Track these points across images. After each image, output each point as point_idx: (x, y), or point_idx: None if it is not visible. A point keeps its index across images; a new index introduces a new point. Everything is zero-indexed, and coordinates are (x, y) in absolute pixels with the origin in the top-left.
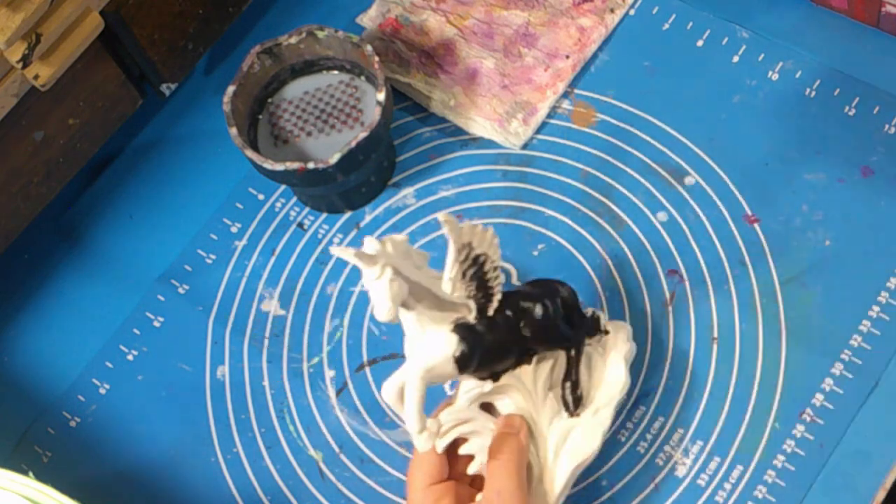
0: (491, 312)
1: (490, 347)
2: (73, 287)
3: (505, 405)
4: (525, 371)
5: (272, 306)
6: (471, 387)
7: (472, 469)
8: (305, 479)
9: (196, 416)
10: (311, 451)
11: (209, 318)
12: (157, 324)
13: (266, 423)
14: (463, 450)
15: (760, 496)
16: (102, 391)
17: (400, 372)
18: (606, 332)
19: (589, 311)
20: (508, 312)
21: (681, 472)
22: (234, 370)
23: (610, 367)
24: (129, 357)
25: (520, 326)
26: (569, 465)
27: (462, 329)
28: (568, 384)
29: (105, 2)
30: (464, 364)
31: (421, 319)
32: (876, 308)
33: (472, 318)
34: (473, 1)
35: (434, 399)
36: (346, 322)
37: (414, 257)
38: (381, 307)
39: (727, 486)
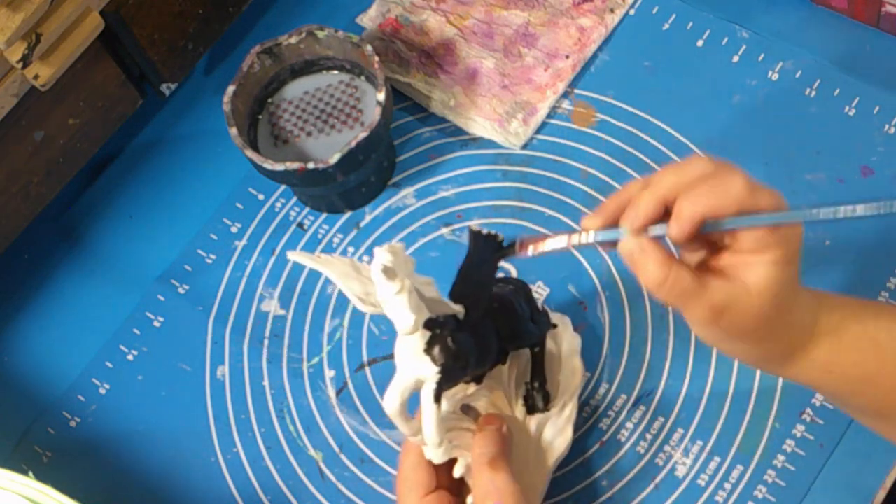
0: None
1: (480, 349)
2: (73, 287)
3: (482, 406)
4: (500, 371)
5: (272, 306)
6: (455, 391)
7: (457, 471)
8: (305, 479)
9: (196, 416)
10: (311, 451)
11: (209, 318)
12: (157, 324)
13: (266, 423)
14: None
15: (760, 496)
16: (102, 391)
17: (398, 382)
18: (555, 326)
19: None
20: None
21: (681, 472)
22: (234, 370)
23: (566, 360)
24: (129, 357)
25: (498, 327)
26: (548, 460)
27: (459, 335)
28: (536, 383)
29: (105, 2)
30: (465, 368)
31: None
32: None
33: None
34: (473, 1)
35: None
36: (346, 322)
37: (408, 264)
38: (407, 320)
39: (727, 486)
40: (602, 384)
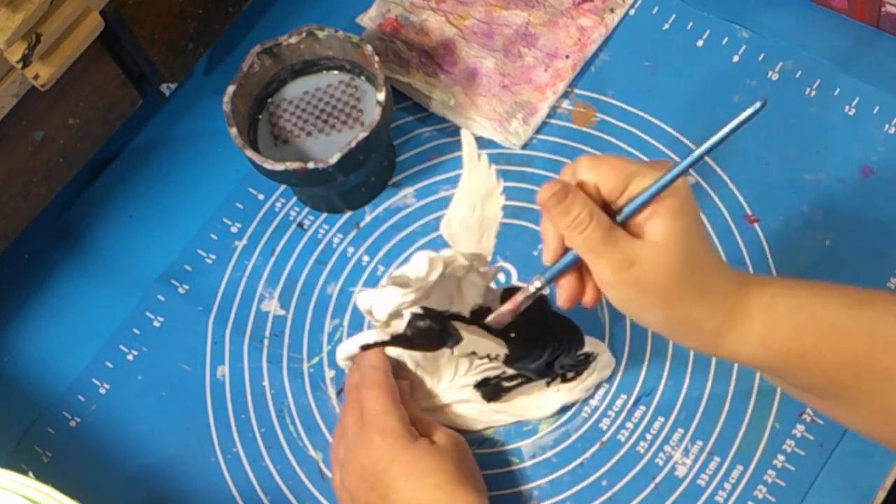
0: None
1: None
2: (73, 287)
3: (412, 366)
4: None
5: (272, 306)
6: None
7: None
8: (305, 479)
9: (196, 416)
10: (311, 451)
11: (209, 318)
12: (157, 324)
13: (266, 423)
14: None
15: (760, 496)
16: (102, 391)
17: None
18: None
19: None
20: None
21: (681, 472)
22: (234, 370)
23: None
24: (129, 357)
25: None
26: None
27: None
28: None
29: (105, 2)
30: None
31: None
32: None
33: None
34: (473, 1)
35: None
36: (346, 322)
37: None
38: (383, 311)
39: (727, 486)
40: (602, 384)
